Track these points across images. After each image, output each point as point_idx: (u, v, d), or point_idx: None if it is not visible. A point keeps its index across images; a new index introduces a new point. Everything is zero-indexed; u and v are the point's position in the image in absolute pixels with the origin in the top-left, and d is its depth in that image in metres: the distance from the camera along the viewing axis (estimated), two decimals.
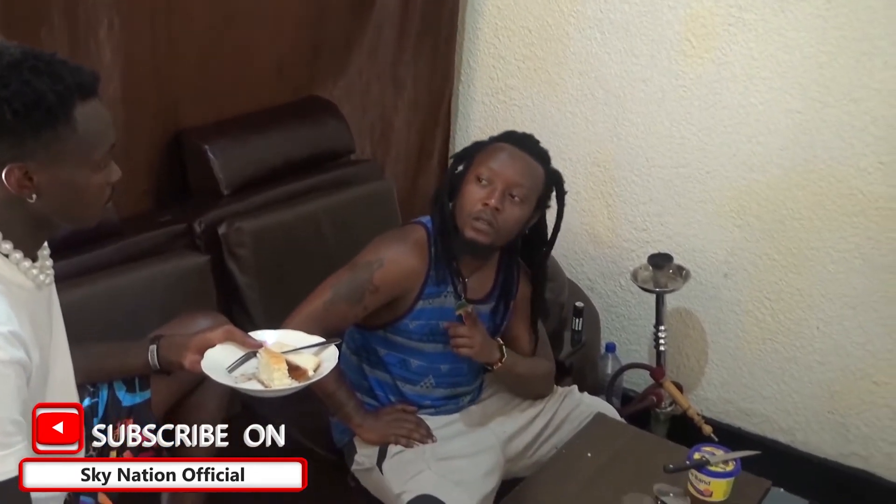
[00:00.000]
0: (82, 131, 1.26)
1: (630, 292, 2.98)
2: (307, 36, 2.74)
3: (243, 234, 2.33)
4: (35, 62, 1.23)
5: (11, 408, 1.23)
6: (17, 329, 1.24)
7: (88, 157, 1.29)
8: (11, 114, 1.19)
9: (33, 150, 1.23)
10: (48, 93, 1.21)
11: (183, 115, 2.47)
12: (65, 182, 1.28)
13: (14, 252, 1.31)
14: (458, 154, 2.06)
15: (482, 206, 1.91)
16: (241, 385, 1.54)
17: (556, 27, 2.91)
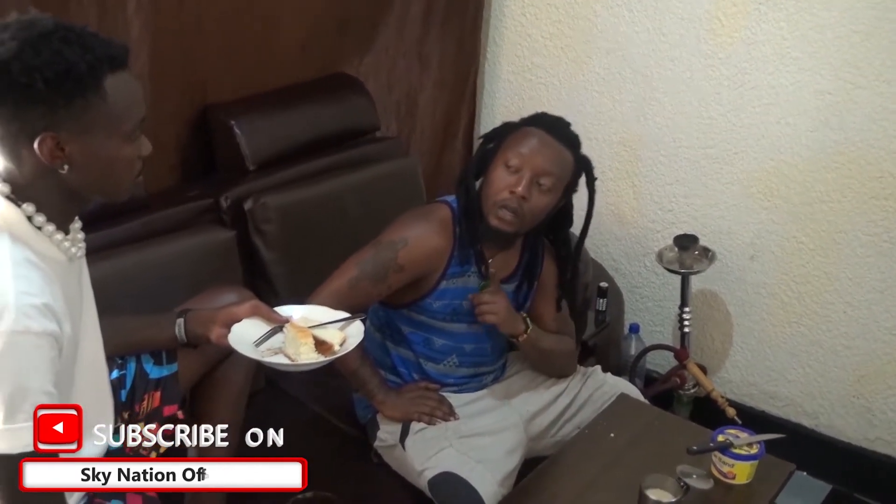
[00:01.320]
0: (112, 102, 1.27)
1: (655, 273, 2.97)
2: (334, 12, 2.73)
3: (269, 210, 2.33)
4: (66, 33, 1.24)
5: (44, 379, 1.25)
6: (50, 301, 1.26)
7: (119, 128, 1.30)
8: (43, 82, 1.20)
9: (65, 119, 1.24)
10: (79, 62, 1.22)
11: (210, 91, 2.47)
12: (96, 153, 1.29)
13: (47, 225, 1.32)
14: (488, 135, 2.04)
15: (509, 193, 1.90)
16: (268, 359, 1.56)
17: (584, 5, 2.88)
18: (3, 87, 1.20)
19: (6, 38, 1.22)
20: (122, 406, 1.66)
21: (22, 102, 1.22)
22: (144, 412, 1.69)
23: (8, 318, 1.20)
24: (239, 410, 1.81)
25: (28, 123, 1.23)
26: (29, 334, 1.21)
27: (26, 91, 1.20)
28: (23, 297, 1.22)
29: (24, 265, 1.26)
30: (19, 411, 1.22)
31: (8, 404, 1.21)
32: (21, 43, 1.21)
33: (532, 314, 2.13)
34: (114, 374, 1.66)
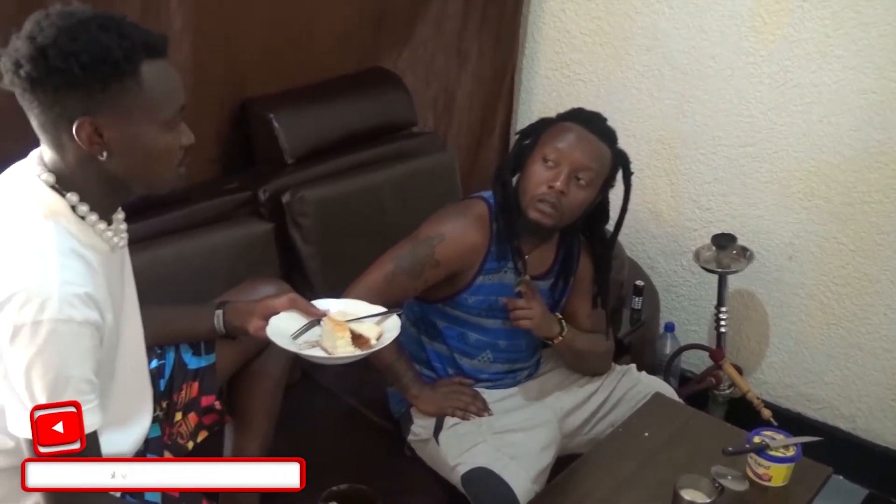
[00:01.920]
0: (149, 88, 1.28)
1: (691, 272, 2.95)
2: (373, 7, 2.74)
3: (306, 204, 2.35)
4: (104, 21, 1.26)
5: (85, 367, 1.27)
6: (92, 291, 1.27)
7: (156, 115, 1.31)
8: (79, 67, 1.22)
9: (102, 104, 1.26)
10: (115, 47, 1.24)
11: (249, 84, 2.49)
12: (133, 139, 1.30)
13: (90, 214, 1.34)
14: (525, 130, 2.04)
15: (547, 188, 1.89)
16: (305, 352, 1.57)
17: (624, 1, 2.86)
18: (42, 73, 1.22)
19: (45, 25, 1.24)
20: (161, 396, 1.68)
21: (60, 87, 1.23)
22: (182, 402, 1.71)
23: (52, 307, 1.21)
24: (275, 402, 1.83)
25: (67, 109, 1.25)
26: (72, 323, 1.23)
27: (64, 76, 1.22)
28: (66, 286, 1.24)
29: (68, 255, 1.28)
30: (61, 398, 1.24)
31: (51, 391, 1.23)
32: (59, 29, 1.23)
33: (567, 311, 2.13)
34: (153, 363, 1.68)
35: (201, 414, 1.73)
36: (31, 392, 1.23)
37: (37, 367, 1.22)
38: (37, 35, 1.23)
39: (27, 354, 1.21)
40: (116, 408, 1.44)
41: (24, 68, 1.22)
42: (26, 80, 1.23)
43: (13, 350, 1.22)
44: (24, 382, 1.23)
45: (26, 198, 1.32)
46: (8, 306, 1.21)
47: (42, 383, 1.22)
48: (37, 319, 1.21)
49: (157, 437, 1.65)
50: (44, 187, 1.32)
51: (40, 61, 1.21)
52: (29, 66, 1.22)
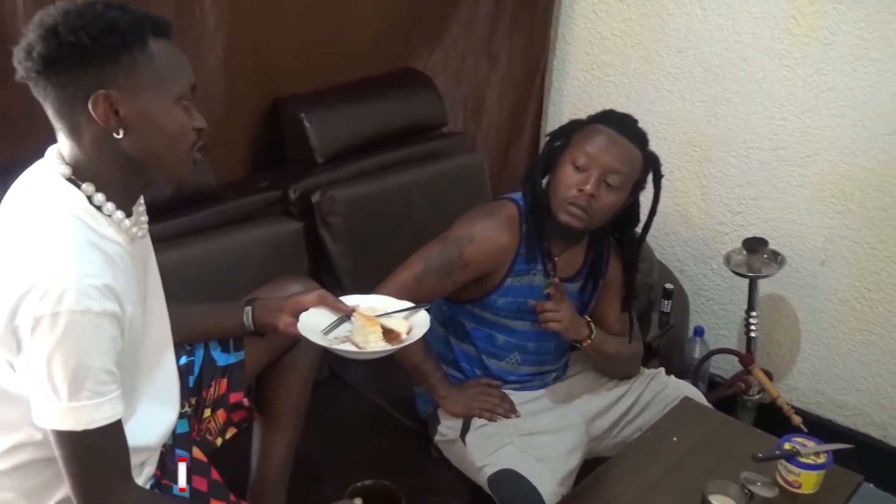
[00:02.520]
0: (159, 61, 1.30)
1: (721, 276, 2.93)
2: (404, 7, 2.74)
3: (336, 203, 2.35)
4: (108, 2, 1.29)
5: (105, 357, 1.27)
6: (111, 282, 1.28)
7: (168, 89, 1.32)
8: (89, 39, 1.24)
9: (114, 76, 1.27)
10: (120, 19, 1.26)
11: (281, 84, 2.50)
12: (147, 114, 1.30)
13: (107, 203, 1.34)
14: (555, 132, 2.02)
15: (577, 191, 1.88)
16: (337, 346, 1.57)
17: (656, 3, 2.85)
18: (54, 50, 1.24)
19: (52, 10, 1.26)
20: (190, 392, 1.69)
21: (73, 64, 1.25)
22: (211, 398, 1.71)
23: (69, 299, 1.22)
24: (304, 399, 1.83)
25: (81, 86, 1.26)
26: (89, 314, 1.24)
27: (75, 50, 1.24)
28: (83, 278, 1.24)
29: (84, 247, 1.29)
30: (82, 389, 1.25)
31: (71, 382, 1.24)
32: (66, 11, 1.26)
33: (596, 314, 2.12)
34: (182, 360, 1.69)
35: (230, 411, 1.74)
36: (52, 383, 1.24)
37: (57, 358, 1.23)
38: (45, 19, 1.26)
39: (47, 346, 1.23)
40: (141, 399, 1.46)
41: (36, 49, 1.24)
42: (39, 61, 1.24)
43: (34, 342, 1.23)
44: (45, 374, 1.24)
45: (43, 191, 1.33)
46: (28, 298, 1.22)
47: (62, 374, 1.24)
48: (55, 311, 1.22)
49: (186, 432, 1.66)
50: (60, 180, 1.33)
51: (51, 39, 1.24)
52: (40, 46, 1.24)
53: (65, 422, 1.26)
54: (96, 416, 1.27)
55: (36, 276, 1.23)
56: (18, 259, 1.26)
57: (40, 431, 1.33)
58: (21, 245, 1.28)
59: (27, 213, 1.32)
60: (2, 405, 1.36)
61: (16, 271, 1.25)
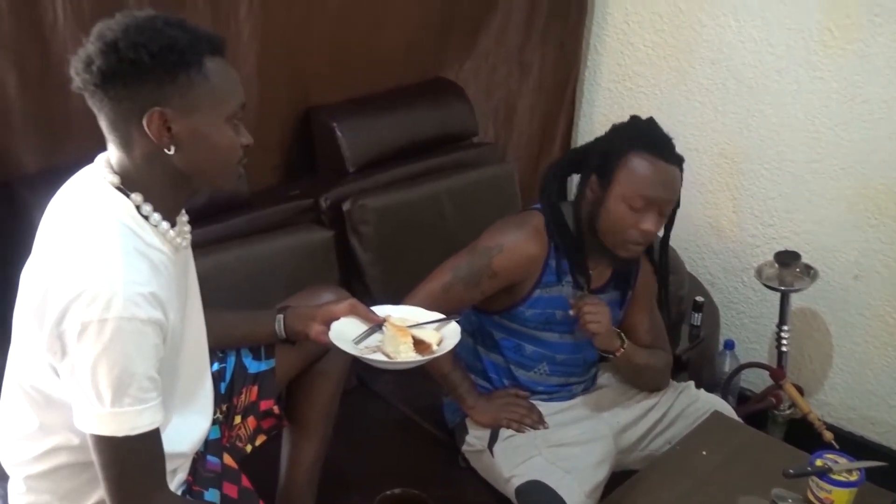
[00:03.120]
0: (214, 81, 1.32)
1: (752, 289, 2.90)
2: (436, 17, 2.75)
3: (367, 212, 2.37)
4: (167, 18, 1.31)
5: (148, 364, 1.29)
6: (156, 290, 1.30)
7: (220, 109, 1.34)
8: (149, 56, 1.26)
9: (171, 95, 1.29)
10: (180, 38, 1.28)
11: (313, 93, 2.52)
12: (200, 132, 1.33)
13: (154, 214, 1.37)
14: (592, 163, 1.95)
15: (639, 232, 1.88)
16: (368, 356, 1.58)
17: (689, 14, 2.84)
18: (113, 65, 1.26)
19: (112, 25, 1.29)
20: (221, 398, 1.71)
21: (131, 80, 1.27)
22: (242, 405, 1.73)
23: (117, 305, 1.24)
24: (333, 407, 1.84)
25: (137, 102, 1.29)
26: (136, 321, 1.26)
27: (134, 66, 1.26)
28: (130, 285, 1.27)
29: (132, 255, 1.31)
30: (126, 395, 1.27)
31: (115, 388, 1.26)
32: (126, 26, 1.28)
33: (626, 325, 2.11)
34: (214, 366, 1.70)
35: (260, 418, 1.76)
36: (96, 388, 1.26)
37: (102, 364, 1.25)
38: (106, 32, 1.28)
39: (93, 352, 1.24)
40: (177, 406, 1.47)
41: (95, 63, 1.27)
42: (98, 75, 1.27)
43: (80, 347, 1.25)
44: (90, 379, 1.26)
45: (92, 199, 1.36)
46: (76, 304, 1.25)
47: (107, 380, 1.25)
48: (103, 317, 1.24)
49: (217, 439, 1.68)
50: (109, 188, 1.35)
51: (111, 54, 1.26)
52: (100, 60, 1.26)
53: (106, 427, 1.28)
54: (137, 422, 1.29)
55: (85, 282, 1.25)
56: (67, 264, 1.29)
57: (77, 436, 1.35)
58: (70, 251, 1.30)
59: (77, 219, 1.35)
60: (42, 409, 1.39)
61: (65, 276, 1.27)
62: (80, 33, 1.83)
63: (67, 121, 1.96)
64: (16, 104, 1.91)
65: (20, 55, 1.88)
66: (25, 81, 1.91)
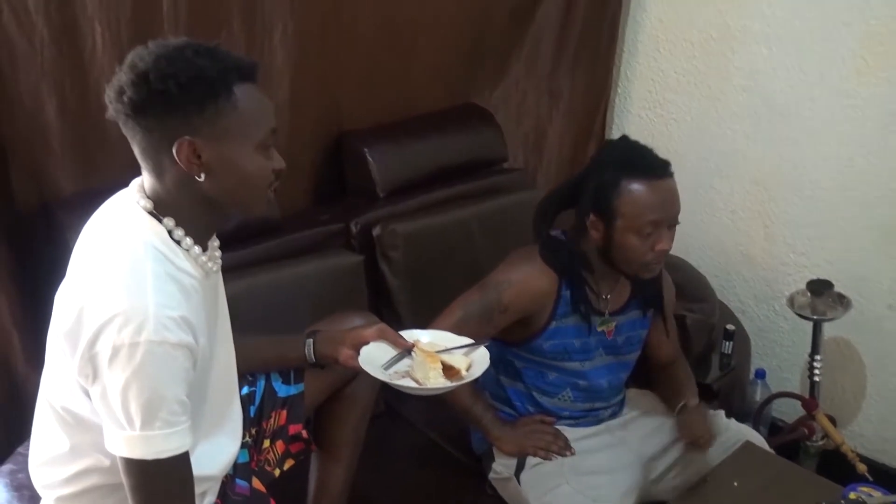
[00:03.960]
0: (243, 109, 1.33)
1: (784, 318, 2.87)
2: (467, 45, 2.78)
3: (396, 237, 2.38)
4: (197, 47, 1.32)
5: (178, 388, 1.30)
6: (187, 314, 1.31)
7: (250, 137, 1.35)
8: (177, 87, 1.27)
9: (200, 125, 1.30)
10: (209, 68, 1.29)
11: (345, 118, 2.55)
12: (229, 160, 1.34)
13: (186, 238, 1.38)
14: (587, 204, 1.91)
15: (653, 252, 1.88)
16: (397, 382, 1.58)
17: (721, 41, 2.84)
18: (143, 96, 1.28)
19: (144, 54, 1.31)
20: (251, 422, 1.71)
21: (160, 110, 1.29)
22: (271, 429, 1.74)
23: (148, 329, 1.25)
24: (361, 431, 1.85)
25: (167, 131, 1.30)
26: (166, 345, 1.27)
27: (163, 98, 1.27)
28: (162, 309, 1.28)
29: (163, 279, 1.32)
30: (156, 419, 1.28)
31: (145, 411, 1.27)
32: (157, 56, 1.29)
33: (652, 339, 2.14)
34: (244, 390, 1.71)
35: (288, 442, 1.76)
36: (126, 412, 1.27)
37: (133, 388, 1.26)
38: (137, 63, 1.30)
39: (124, 375, 1.26)
40: (207, 430, 1.48)
41: (126, 94, 1.28)
42: (129, 105, 1.29)
43: (111, 371, 1.26)
44: (120, 402, 1.27)
45: (125, 223, 1.37)
46: (108, 328, 1.26)
47: (137, 403, 1.26)
48: (134, 341, 1.25)
49: (245, 462, 1.68)
50: (142, 213, 1.37)
51: (142, 85, 1.28)
52: (131, 91, 1.28)
53: (136, 450, 1.29)
54: (167, 446, 1.30)
55: (117, 306, 1.26)
56: (100, 288, 1.30)
57: (108, 457, 1.36)
58: (103, 274, 1.32)
59: (110, 242, 1.36)
60: (73, 431, 1.40)
61: (97, 300, 1.28)
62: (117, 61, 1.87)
63: (103, 145, 2.00)
64: (54, 128, 1.95)
65: (59, 81, 1.93)
66: (64, 107, 1.95)
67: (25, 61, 1.86)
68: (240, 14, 2.16)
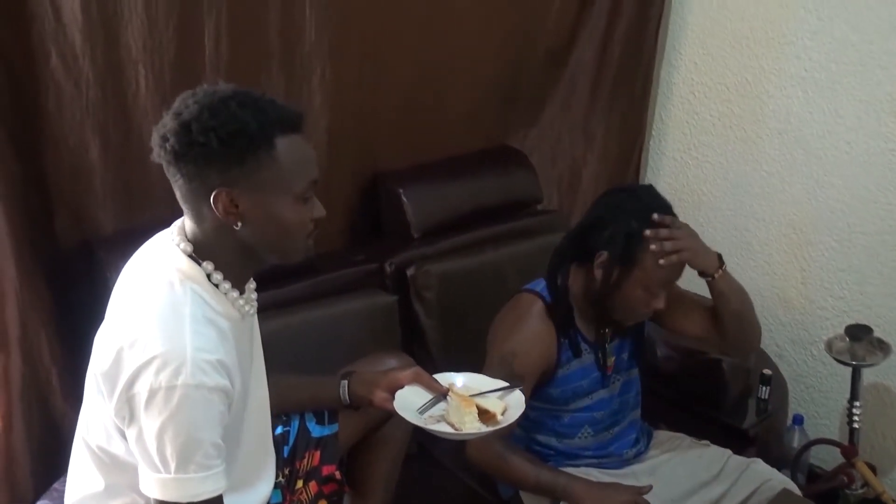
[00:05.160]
0: (283, 162, 1.34)
1: (822, 363, 2.83)
2: (503, 87, 2.80)
3: (430, 277, 2.38)
4: (243, 98, 1.33)
5: (214, 432, 1.31)
6: (223, 358, 1.32)
7: (289, 189, 1.36)
8: (218, 141, 1.29)
9: (238, 177, 1.32)
10: (251, 122, 1.31)
11: (380, 159, 2.57)
12: (267, 211, 1.36)
13: (224, 282, 1.40)
14: (617, 251, 1.86)
15: (649, 308, 1.90)
16: (432, 427, 1.57)
17: (756, 84, 2.83)
18: (184, 147, 1.30)
19: (190, 102, 1.33)
20: (284, 462, 1.72)
21: (200, 161, 1.31)
22: (304, 469, 1.74)
23: (185, 373, 1.27)
24: (394, 472, 1.85)
25: (206, 181, 1.32)
26: (203, 388, 1.28)
27: (203, 150, 1.29)
28: (199, 352, 1.29)
29: (201, 322, 1.34)
30: (191, 462, 1.28)
31: (180, 454, 1.28)
32: (202, 106, 1.31)
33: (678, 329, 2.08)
34: (278, 430, 1.72)
35: (322, 483, 1.76)
36: (162, 455, 1.28)
37: (169, 431, 1.27)
38: (182, 111, 1.32)
39: (161, 418, 1.27)
40: (240, 471, 1.48)
41: (169, 142, 1.31)
42: (171, 152, 1.31)
43: (148, 413, 1.27)
44: (156, 445, 1.28)
45: (165, 265, 1.39)
46: (146, 371, 1.27)
47: (173, 447, 1.27)
48: (171, 384, 1.26)
49: (279, 503, 1.68)
50: (182, 256, 1.39)
51: (183, 136, 1.30)
52: (174, 140, 1.30)
53: (170, 493, 1.30)
54: (201, 489, 1.30)
55: (156, 348, 1.28)
56: (139, 330, 1.32)
57: (143, 498, 1.36)
58: (142, 316, 1.34)
59: (150, 284, 1.38)
60: (108, 470, 1.41)
61: (136, 342, 1.30)
62: (160, 103, 1.93)
63: (144, 186, 2.04)
64: (97, 168, 1.99)
65: (103, 123, 1.97)
66: (107, 147, 1.99)
67: (71, 103, 1.91)
68: (279, 58, 2.20)
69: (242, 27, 2.10)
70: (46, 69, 1.86)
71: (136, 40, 1.94)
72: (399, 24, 2.44)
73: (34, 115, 1.88)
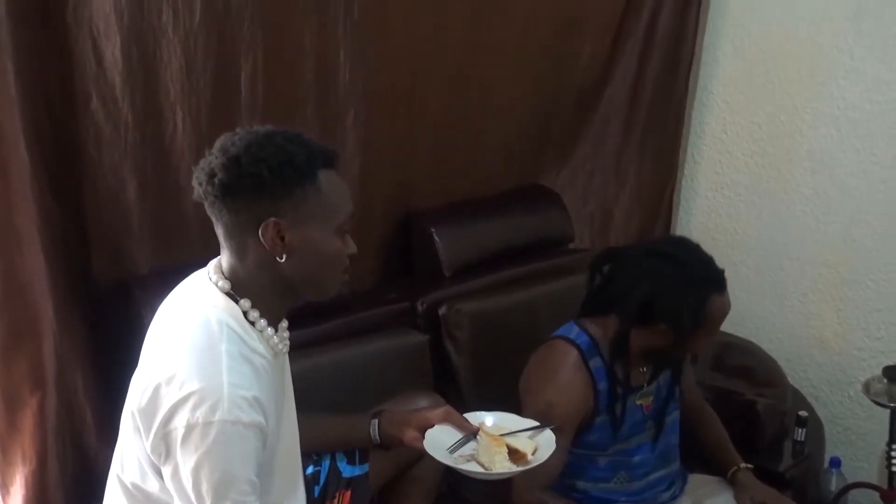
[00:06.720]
0: (326, 193, 1.38)
1: (859, 404, 2.78)
2: (536, 126, 2.81)
3: (462, 316, 2.38)
4: (286, 134, 1.38)
5: (249, 468, 1.32)
6: (258, 394, 1.34)
7: (331, 221, 1.40)
8: (268, 171, 1.32)
9: (286, 208, 1.35)
10: (298, 154, 1.35)
11: (413, 198, 2.59)
12: (311, 243, 1.38)
13: (260, 320, 1.42)
14: (687, 324, 1.87)
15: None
16: (463, 466, 1.57)
17: (789, 123, 2.83)
18: (234, 178, 1.33)
19: (236, 139, 1.37)
20: (315, 502, 1.71)
21: (250, 193, 1.34)
22: None
23: (222, 409, 1.28)
24: None
25: (254, 213, 1.35)
26: (239, 425, 1.29)
27: (254, 180, 1.32)
28: (235, 389, 1.30)
29: (237, 359, 1.35)
30: (226, 498, 1.29)
31: (216, 491, 1.28)
32: (249, 141, 1.35)
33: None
34: (309, 469, 1.72)
35: None
36: (197, 491, 1.29)
37: (205, 467, 1.28)
38: (229, 147, 1.35)
39: (197, 454, 1.28)
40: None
41: (218, 176, 1.34)
42: (219, 187, 1.34)
43: (184, 449, 1.28)
44: (191, 481, 1.29)
45: (202, 303, 1.41)
46: (183, 407, 1.29)
47: (209, 483, 1.28)
48: (208, 420, 1.27)
49: None
50: (219, 293, 1.41)
51: (234, 169, 1.33)
52: (223, 174, 1.33)
53: None
54: None
55: (192, 385, 1.29)
56: (176, 366, 1.33)
57: None
58: (180, 353, 1.36)
59: (187, 321, 1.40)
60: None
61: (173, 380, 1.32)
62: (196, 144, 1.96)
63: (180, 226, 2.07)
64: (134, 208, 2.02)
65: (141, 164, 2.00)
66: (144, 188, 2.02)
67: (110, 144, 1.95)
68: (314, 99, 2.23)
69: (278, 70, 2.13)
70: (87, 111, 1.90)
71: (175, 83, 1.98)
72: (432, 64, 2.47)
73: (74, 155, 1.92)
